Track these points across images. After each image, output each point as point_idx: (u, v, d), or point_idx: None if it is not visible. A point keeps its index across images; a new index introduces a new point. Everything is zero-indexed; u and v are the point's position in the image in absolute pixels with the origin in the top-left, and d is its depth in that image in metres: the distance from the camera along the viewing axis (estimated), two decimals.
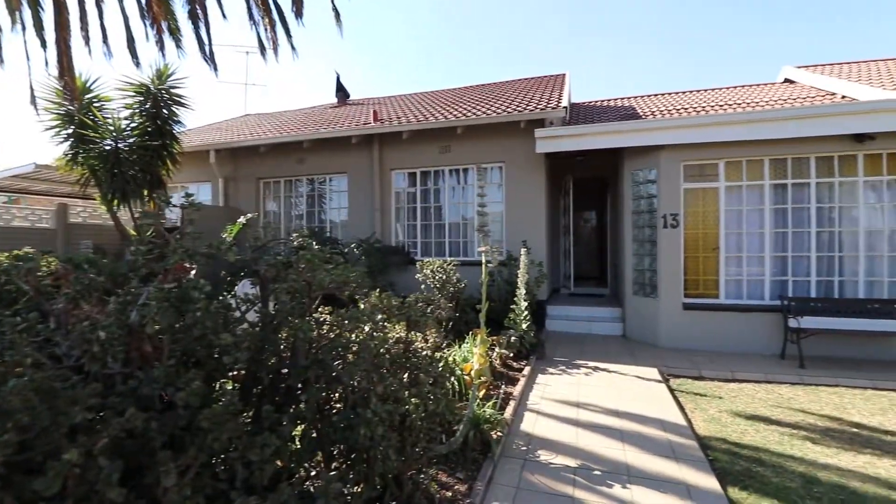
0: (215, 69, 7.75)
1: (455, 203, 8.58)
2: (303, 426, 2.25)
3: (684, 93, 12.03)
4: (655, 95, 12.29)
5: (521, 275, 5.95)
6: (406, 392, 2.34)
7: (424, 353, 2.42)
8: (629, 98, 12.41)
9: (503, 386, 4.76)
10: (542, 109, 7.51)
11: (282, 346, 2.43)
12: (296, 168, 9.45)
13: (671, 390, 4.89)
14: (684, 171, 6.72)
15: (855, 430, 3.96)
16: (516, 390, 4.66)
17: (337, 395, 2.30)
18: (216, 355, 2.05)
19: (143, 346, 2.00)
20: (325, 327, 2.57)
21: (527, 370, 5.31)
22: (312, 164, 9.32)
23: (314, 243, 7.38)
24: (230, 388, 2.05)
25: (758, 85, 11.90)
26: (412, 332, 2.47)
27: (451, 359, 4.56)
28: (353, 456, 2.34)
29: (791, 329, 5.74)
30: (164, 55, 6.95)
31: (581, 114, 10.76)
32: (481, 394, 3.75)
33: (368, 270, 7.37)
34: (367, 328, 2.27)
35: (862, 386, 5.04)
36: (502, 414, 3.96)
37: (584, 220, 12.37)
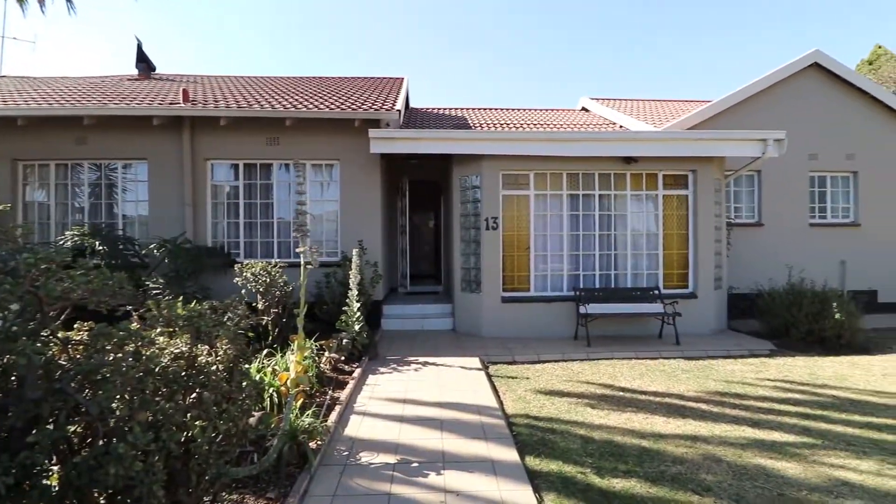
0: None
1: (286, 200, 7.99)
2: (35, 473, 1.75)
3: (508, 110, 13.51)
4: (485, 109, 13.53)
5: (353, 275, 5.84)
6: (189, 415, 2.02)
7: (214, 367, 2.12)
8: (463, 109, 13.40)
9: (331, 391, 4.58)
10: (376, 110, 7.51)
11: (12, 377, 1.87)
12: (75, 149, 7.59)
13: (489, 376, 5.37)
14: (503, 179, 7.48)
15: (621, 393, 4.91)
16: (344, 394, 4.53)
17: (87, 429, 1.85)
18: None
19: None
20: (80, 347, 2.07)
21: (357, 372, 5.22)
22: (99, 146, 7.61)
23: (97, 243, 6.06)
24: None
25: (563, 110, 14.06)
26: (197, 346, 2.14)
27: (269, 369, 4.21)
28: (118, 498, 1.93)
29: (581, 315, 6.87)
30: None
31: (419, 119, 11.18)
32: (299, 403, 3.53)
33: (175, 275, 6.37)
34: (130, 346, 1.87)
35: (628, 357, 6.29)
36: (325, 421, 3.80)
37: (421, 221, 12.85)
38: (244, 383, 2.42)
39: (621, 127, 10.70)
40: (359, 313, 5.93)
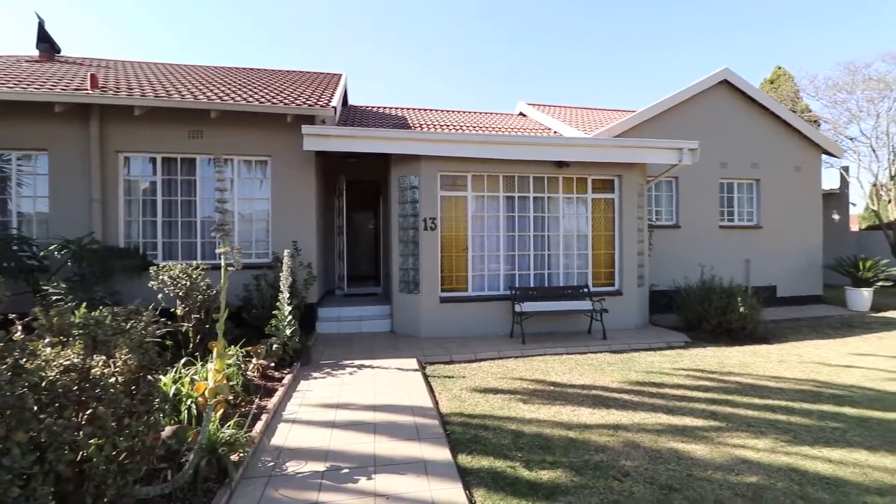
0: None
1: (212, 198, 7.49)
2: None
3: (448, 111, 13.63)
4: (426, 110, 13.55)
5: (284, 277, 5.60)
6: (81, 433, 1.82)
7: (112, 379, 1.92)
8: (404, 109, 13.33)
9: (258, 399, 4.35)
10: (310, 105, 7.26)
11: None
12: None
13: (426, 377, 5.36)
14: (441, 180, 7.52)
15: (552, 387, 5.09)
16: (272, 402, 4.32)
17: None
18: None
19: None
20: None
21: (288, 378, 5.00)
22: None
23: None
24: None
25: (501, 114, 14.42)
26: (93, 357, 1.93)
27: (186, 379, 3.92)
28: None
29: (517, 313, 7.07)
30: None
31: (357, 117, 10.96)
32: (219, 414, 3.30)
33: (80, 279, 5.77)
34: (8, 359, 1.65)
35: (559, 353, 6.55)
36: (250, 431, 3.60)
37: (360, 222, 12.63)
38: (151, 396, 2.23)
39: (555, 132, 11.16)
40: (290, 317, 5.69)
